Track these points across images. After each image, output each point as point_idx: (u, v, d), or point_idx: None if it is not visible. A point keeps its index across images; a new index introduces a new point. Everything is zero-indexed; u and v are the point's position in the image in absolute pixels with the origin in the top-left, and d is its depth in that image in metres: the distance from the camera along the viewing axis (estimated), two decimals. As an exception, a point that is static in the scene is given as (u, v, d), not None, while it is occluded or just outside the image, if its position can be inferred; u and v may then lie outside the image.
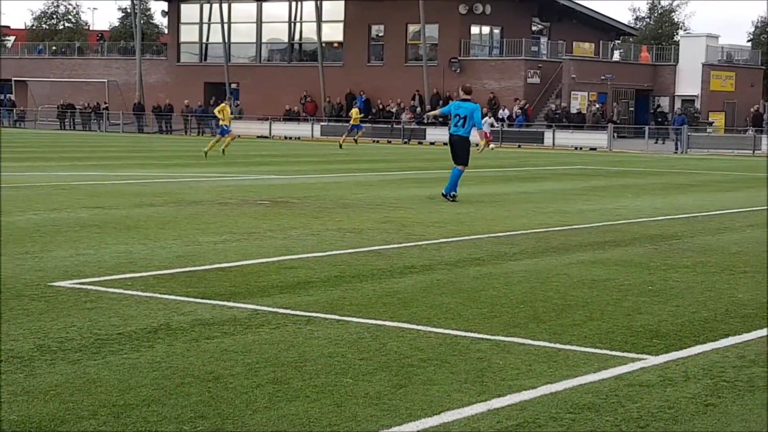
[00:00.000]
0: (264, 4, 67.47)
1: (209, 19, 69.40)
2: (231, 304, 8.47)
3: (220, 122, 33.96)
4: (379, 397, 5.89)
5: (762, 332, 7.82)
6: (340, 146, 43.98)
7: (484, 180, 25.24)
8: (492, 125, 45.84)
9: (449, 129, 19.33)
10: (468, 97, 19.25)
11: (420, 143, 53.21)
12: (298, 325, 7.75)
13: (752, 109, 57.33)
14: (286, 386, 6.06)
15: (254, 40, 68.36)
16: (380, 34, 63.74)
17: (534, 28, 65.06)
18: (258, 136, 58.52)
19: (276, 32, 68.50)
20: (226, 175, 24.80)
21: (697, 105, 60.18)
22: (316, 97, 63.63)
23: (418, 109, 58.62)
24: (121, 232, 13.04)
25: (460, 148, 19.03)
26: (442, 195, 18.58)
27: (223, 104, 34.38)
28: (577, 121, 54.73)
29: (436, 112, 22.40)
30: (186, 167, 28.08)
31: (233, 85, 66.63)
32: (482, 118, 22.27)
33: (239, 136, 58.00)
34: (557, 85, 59.07)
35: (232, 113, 35.45)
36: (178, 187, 20.90)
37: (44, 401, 5.67)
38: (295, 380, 6.19)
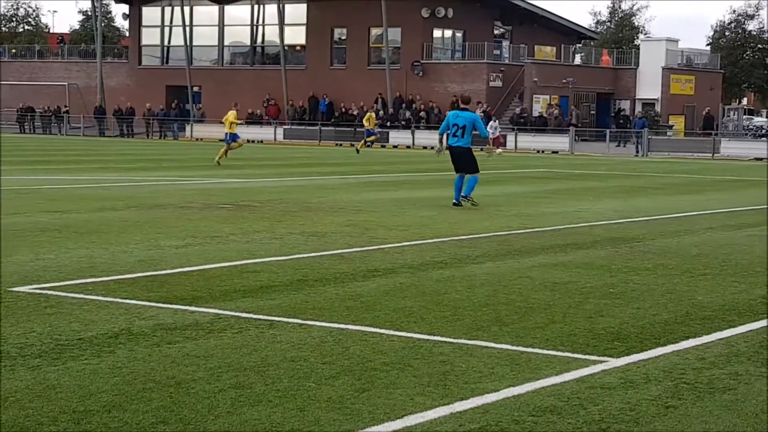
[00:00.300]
0: (226, 7, 67.25)
1: (171, 22, 69.06)
2: (193, 308, 8.44)
3: (227, 130, 32.41)
4: (341, 401, 5.88)
5: (721, 334, 7.90)
6: (357, 151, 43.31)
7: (447, 183, 25.27)
8: (497, 128, 45.57)
9: (447, 140, 18.83)
10: (466, 106, 18.76)
11: (383, 146, 53.24)
12: (261, 329, 7.72)
13: (703, 112, 57.86)
14: (249, 391, 6.04)
15: (216, 43, 68.10)
16: (343, 38, 63.72)
17: (496, 32, 65.30)
18: (220, 140, 58.12)
19: (238, 35, 68.29)
20: (189, 179, 24.68)
21: (658, 108, 60.66)
22: (278, 100, 63.50)
23: (381, 112, 58.65)
24: (82, 237, 12.94)
25: (464, 161, 18.51)
26: (464, 198, 18.17)
27: (231, 111, 32.90)
28: (539, 125, 54.99)
29: (443, 140, 19.80)
30: (148, 171, 27.92)
31: (195, 89, 66.34)
32: (489, 121, 22.21)
33: (200, 139, 57.79)
34: (519, 88, 59.33)
35: (194, 115, 34.47)
36: (140, 190, 20.78)
37: (4, 408, 5.61)
38: (257, 385, 6.17)
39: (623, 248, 12.85)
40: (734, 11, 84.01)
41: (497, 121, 46.81)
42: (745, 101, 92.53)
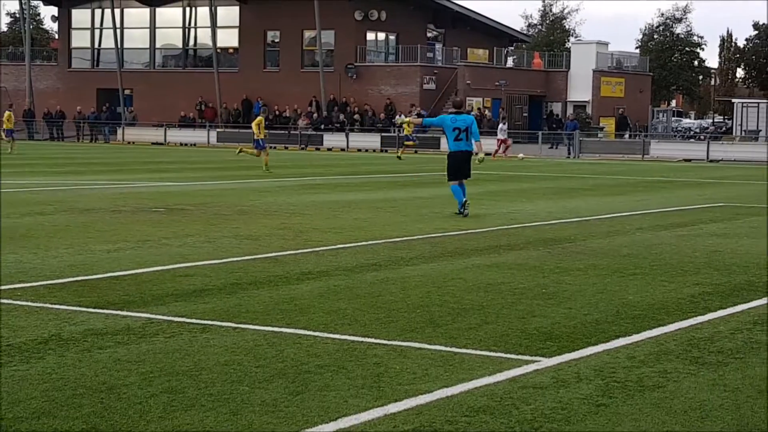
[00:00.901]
0: (157, 9, 66.66)
1: (101, 24, 68.27)
2: (125, 313, 8.35)
3: (255, 136, 31.57)
4: (275, 404, 5.86)
5: (651, 333, 8.01)
6: (399, 158, 41.78)
7: (381, 186, 25.34)
8: (505, 131, 45.20)
9: (448, 144, 17.46)
10: (459, 110, 17.68)
11: (317, 149, 53.18)
12: (194, 333, 7.67)
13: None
14: (181, 395, 5.99)
15: (148, 46, 67.49)
16: (276, 40, 63.51)
17: (429, 35, 65.57)
18: (153, 143, 57.77)
19: (170, 38, 67.74)
20: (121, 183, 24.42)
21: (589, 110, 61.37)
22: (211, 103, 63.10)
23: (315, 115, 58.58)
24: (11, 242, 12.73)
25: (467, 166, 17.38)
26: (460, 210, 16.94)
27: (259, 117, 32.37)
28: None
29: (417, 120, 19.49)
30: (78, 175, 27.57)
31: (127, 91, 65.67)
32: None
33: (131, 143, 57.19)
34: (453, 91, 59.63)
35: (129, 119, 33.38)
36: (70, 194, 20.51)
37: (-71, 416, 5.50)
38: (190, 389, 6.13)
39: (556, 249, 12.97)
40: (662, 14, 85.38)
41: (506, 124, 46.53)
42: (674, 103, 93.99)
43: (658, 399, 6.12)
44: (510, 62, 67.47)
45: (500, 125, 45.81)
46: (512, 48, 72.99)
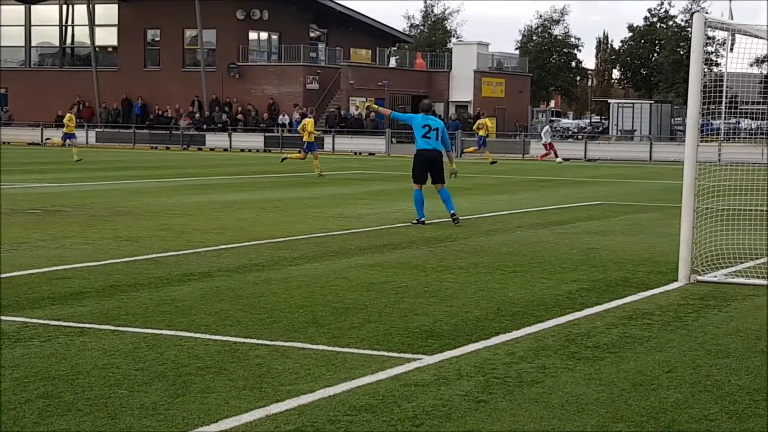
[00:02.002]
0: (33, 7, 65.05)
1: (-26, 21, 66.37)
2: (-1, 317, 8.13)
3: (305, 138, 30.29)
4: (155, 407, 5.78)
5: (530, 329, 8.15)
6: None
7: (264, 186, 25.21)
8: (548, 133, 44.66)
9: (416, 143, 16.05)
10: (428, 113, 16.11)
11: (200, 149, 52.62)
12: (71, 336, 7.52)
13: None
14: (57, 400, 5.87)
15: (23, 44, 65.83)
16: (156, 39, 62.62)
17: (312, 35, 65.48)
18: (29, 143, 56.35)
19: (47, 36, 66.19)
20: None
21: (470, 110, 62.09)
22: (90, 102, 61.89)
23: (197, 114, 57.97)
24: None
25: (437, 168, 15.98)
26: (453, 216, 15.87)
27: (306, 120, 30.92)
28: (356, 127, 55.44)
29: (386, 110, 18.27)
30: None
31: (2, 90, 63.97)
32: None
33: (7, 143, 55.74)
34: (336, 90, 59.68)
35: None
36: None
37: None
38: (66, 394, 6.00)
39: (438, 248, 13.09)
40: (541, 16, 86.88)
41: (549, 126, 46.05)
42: (552, 103, 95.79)
43: (537, 394, 6.23)
44: (393, 62, 67.83)
45: (545, 127, 45.70)
46: (395, 48, 73.39)
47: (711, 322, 8.57)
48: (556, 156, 43.01)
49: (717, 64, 69.46)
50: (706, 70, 11.99)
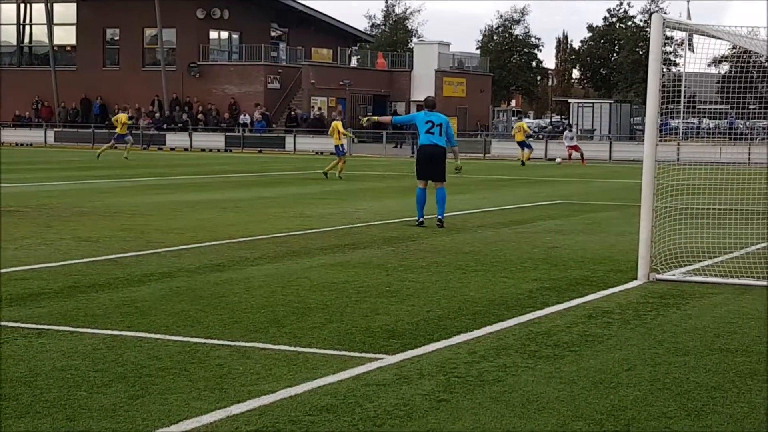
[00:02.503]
0: (-9, 6, 64.46)
1: (-70, 20, 65.56)
2: (-45, 319, 8.04)
3: (335, 142, 29.86)
4: (114, 409, 5.74)
5: (491, 328, 8.17)
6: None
7: (226, 186, 25.11)
8: (573, 138, 43.99)
9: (419, 139, 15.68)
10: (432, 110, 15.74)
11: (160, 149, 52.33)
12: (29, 338, 7.45)
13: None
14: (15, 402, 5.81)
15: (-20, 43, 65.18)
16: (116, 38, 62.20)
17: (273, 34, 65.31)
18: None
19: (4, 35, 65.53)
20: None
21: (432, 110, 62.16)
22: (49, 102, 61.36)
23: (157, 114, 57.64)
24: None
25: (438, 164, 15.58)
26: (439, 221, 15.46)
27: (336, 122, 30.06)
28: (317, 126, 55.39)
29: (386, 118, 17.64)
30: None
31: (-41, 90, 63.24)
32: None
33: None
34: (297, 90, 59.57)
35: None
36: None
37: None
38: (24, 396, 5.95)
39: (399, 247, 13.10)
40: (501, 16, 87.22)
41: (573, 131, 45.63)
42: (513, 103, 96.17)
43: (498, 393, 6.25)
44: (354, 62, 67.86)
45: (567, 132, 45.45)
46: (356, 48, 73.39)
47: (670, 320, 8.64)
48: (582, 158, 41.95)
49: (675, 64, 70.07)
50: (664, 70, 12.09)
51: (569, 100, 71.55)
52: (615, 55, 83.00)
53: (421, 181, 15.66)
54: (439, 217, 15.55)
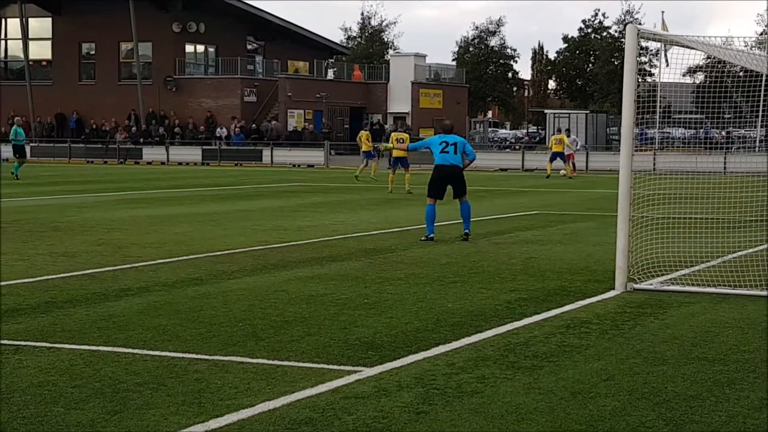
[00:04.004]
0: (-35, 20, 64.16)
1: None
2: (-69, 336, 7.98)
3: (364, 148, 34.56)
4: (92, 425, 5.72)
5: (470, 339, 8.18)
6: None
7: (203, 199, 25.04)
8: (576, 142, 43.28)
9: (435, 159, 15.68)
10: (449, 134, 15.89)
11: (137, 163, 52.14)
12: (6, 354, 7.40)
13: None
14: (-8, 420, 5.77)
15: (-45, 58, 64.86)
16: (92, 52, 62.00)
17: (249, 47, 65.25)
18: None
19: (-21, 49, 65.26)
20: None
21: (409, 122, 62.26)
22: (24, 117, 61.00)
23: (134, 128, 57.46)
24: None
25: (458, 182, 15.76)
26: (466, 234, 15.54)
27: (363, 131, 35.47)
28: (295, 139, 55.38)
29: (402, 146, 16.96)
30: None
31: (-67, 105, 62.83)
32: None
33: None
34: (274, 103, 59.53)
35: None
36: None
37: None
38: (1, 413, 5.91)
39: (377, 259, 13.10)
40: (477, 27, 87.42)
41: (575, 138, 45.13)
42: (490, 114, 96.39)
43: (477, 404, 6.26)
44: (330, 74, 67.80)
45: (573, 137, 45.11)
46: (332, 60, 73.38)
47: (648, 329, 8.68)
48: (573, 169, 40.99)
49: (651, 74, 70.45)
50: (639, 80, 12.16)
51: (545, 111, 71.78)
52: (590, 65, 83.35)
53: (432, 198, 15.64)
54: (467, 231, 15.59)
